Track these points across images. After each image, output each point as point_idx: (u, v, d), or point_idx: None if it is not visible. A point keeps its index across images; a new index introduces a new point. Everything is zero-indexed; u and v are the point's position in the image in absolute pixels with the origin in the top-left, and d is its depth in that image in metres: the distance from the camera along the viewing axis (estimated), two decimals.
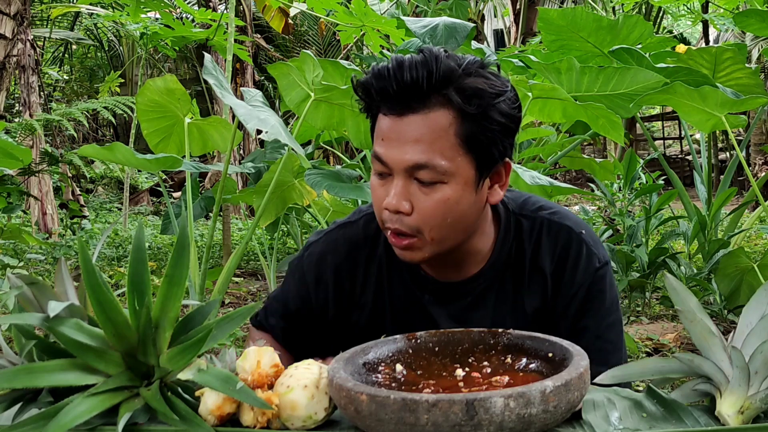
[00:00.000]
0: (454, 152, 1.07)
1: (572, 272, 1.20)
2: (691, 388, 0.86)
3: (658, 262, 3.93)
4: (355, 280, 1.27)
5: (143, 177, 11.55)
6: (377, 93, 1.09)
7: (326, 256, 1.28)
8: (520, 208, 1.25)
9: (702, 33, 8.64)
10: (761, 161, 8.55)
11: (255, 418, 0.84)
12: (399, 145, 1.07)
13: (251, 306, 0.88)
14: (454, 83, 1.06)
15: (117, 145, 3.11)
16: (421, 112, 1.06)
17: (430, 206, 1.08)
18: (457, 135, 1.06)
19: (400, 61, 1.06)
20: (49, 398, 0.86)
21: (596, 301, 1.21)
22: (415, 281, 1.24)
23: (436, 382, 0.88)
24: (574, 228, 1.23)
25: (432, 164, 1.06)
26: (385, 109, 1.09)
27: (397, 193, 1.08)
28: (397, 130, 1.07)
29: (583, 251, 1.21)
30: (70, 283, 0.92)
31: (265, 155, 4.22)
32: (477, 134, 1.07)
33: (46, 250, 6.00)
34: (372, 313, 1.27)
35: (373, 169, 1.14)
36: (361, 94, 1.12)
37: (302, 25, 11.60)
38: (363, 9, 3.71)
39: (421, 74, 1.05)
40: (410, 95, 1.06)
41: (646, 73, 3.01)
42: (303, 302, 1.30)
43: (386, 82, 1.07)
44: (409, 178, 1.08)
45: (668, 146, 15.99)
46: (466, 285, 1.23)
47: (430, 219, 1.09)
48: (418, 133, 1.06)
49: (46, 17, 11.27)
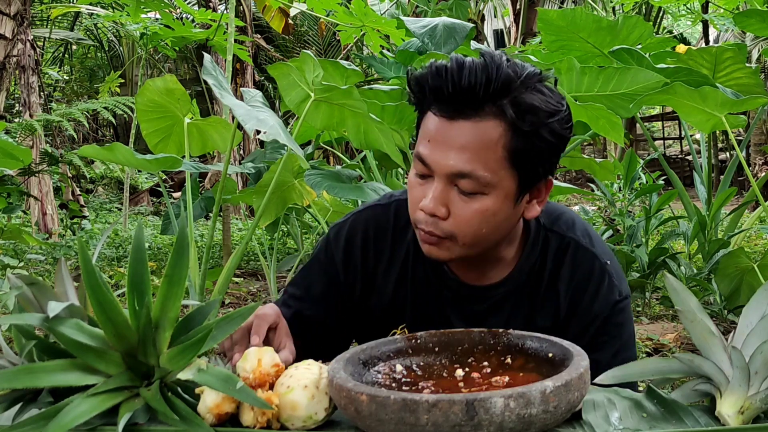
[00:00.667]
0: (499, 165, 1.05)
1: (591, 301, 1.19)
2: (692, 389, 0.86)
3: (658, 262, 3.93)
4: (379, 263, 1.26)
5: (143, 177, 11.55)
6: (431, 91, 1.05)
7: (356, 235, 1.27)
8: (551, 223, 1.23)
9: (702, 33, 8.65)
10: (761, 161, 8.55)
11: (255, 418, 0.84)
12: (445, 150, 1.05)
13: (251, 306, 0.88)
14: (510, 95, 1.03)
15: (117, 145, 3.11)
16: (472, 119, 1.03)
17: (467, 215, 1.07)
18: (504, 148, 1.04)
19: (460, 63, 1.03)
20: (50, 398, 0.86)
21: (612, 335, 1.19)
22: (438, 277, 1.24)
23: (436, 383, 0.88)
24: (599, 257, 1.21)
25: (475, 175, 1.04)
26: (435, 109, 1.06)
27: (435, 197, 1.06)
28: (445, 134, 1.05)
29: (605, 282, 1.19)
30: (70, 284, 0.92)
31: (265, 155, 4.22)
32: (525, 151, 1.05)
33: (46, 250, 6.00)
34: (392, 300, 1.26)
35: (413, 167, 1.12)
36: (415, 88, 1.09)
37: (302, 25, 11.60)
38: (363, 9, 3.71)
39: (480, 80, 1.02)
40: (465, 100, 1.03)
41: (646, 73, 3.01)
42: (330, 283, 1.28)
43: (443, 81, 1.03)
44: (449, 184, 1.06)
45: (668, 146, 15.99)
46: (486, 291, 1.22)
47: (466, 227, 1.08)
48: (465, 140, 1.04)
49: (46, 17, 11.26)
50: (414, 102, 1.12)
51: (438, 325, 1.17)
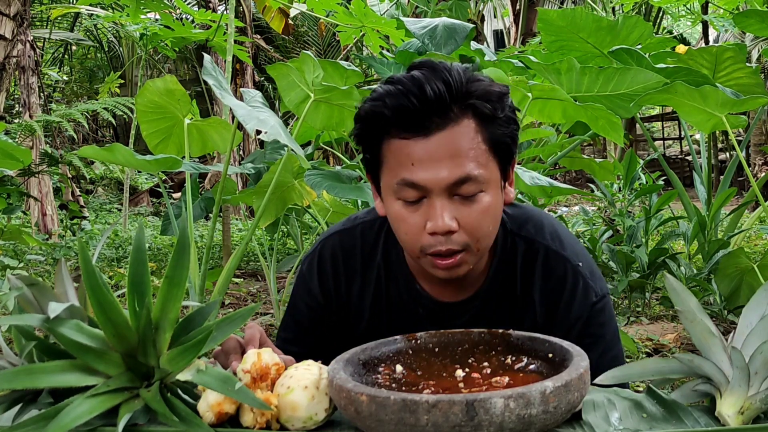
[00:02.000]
0: (486, 158, 1.05)
1: (567, 306, 1.17)
2: (691, 389, 0.86)
3: (658, 263, 3.93)
4: (352, 285, 1.26)
5: (143, 178, 11.56)
6: (394, 114, 1.03)
7: (325, 262, 1.27)
8: (519, 228, 1.22)
9: (702, 33, 8.64)
10: (761, 161, 8.55)
11: (254, 419, 0.84)
12: (435, 165, 1.03)
13: (251, 307, 0.88)
14: (469, 92, 1.04)
15: (117, 146, 3.11)
16: (446, 127, 1.03)
17: (475, 218, 1.06)
18: (484, 140, 1.05)
19: (411, 78, 1.03)
20: (49, 399, 0.86)
21: (596, 336, 1.18)
22: (411, 296, 1.23)
23: (436, 383, 0.88)
24: (570, 260, 1.19)
25: (473, 176, 1.04)
26: (403, 133, 1.03)
27: (444, 214, 1.04)
28: (428, 150, 1.02)
29: (579, 284, 1.18)
30: (70, 284, 0.92)
31: (264, 156, 4.22)
32: (500, 136, 1.06)
33: (46, 251, 6.00)
34: (369, 321, 1.26)
35: (394, 198, 1.08)
36: (370, 120, 1.07)
37: (302, 25, 11.61)
38: (363, 10, 3.71)
39: (441, 87, 1.01)
40: (433, 111, 1.02)
41: (646, 73, 3.01)
42: (315, 313, 1.28)
43: (405, 99, 1.01)
44: (449, 197, 1.05)
45: (668, 147, 16.00)
46: (459, 306, 1.21)
47: (477, 231, 1.07)
48: (452, 148, 1.03)
49: (45, 18, 11.27)
50: (366, 135, 1.09)
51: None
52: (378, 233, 1.26)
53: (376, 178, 1.13)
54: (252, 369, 0.86)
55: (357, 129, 1.11)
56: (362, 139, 1.11)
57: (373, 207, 1.28)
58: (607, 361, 1.16)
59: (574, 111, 2.97)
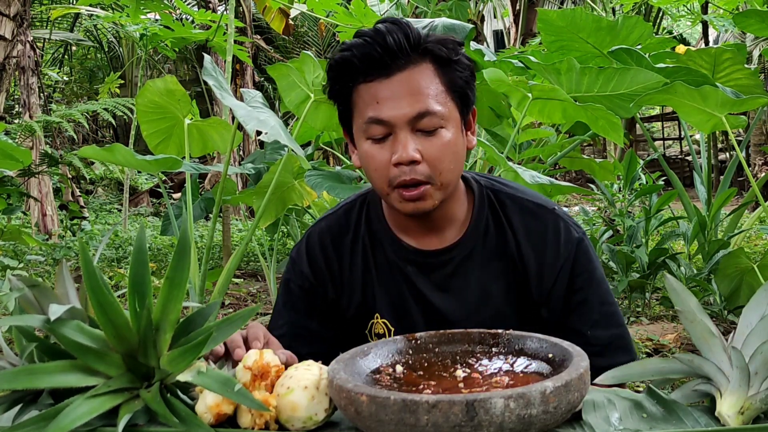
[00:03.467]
0: (444, 97, 1.17)
1: (555, 246, 1.25)
2: (692, 389, 0.86)
3: (658, 263, 3.93)
4: (342, 263, 1.32)
5: (143, 178, 11.56)
6: (361, 60, 1.15)
7: (314, 249, 1.34)
8: (491, 184, 1.32)
9: (702, 34, 8.64)
10: (761, 161, 8.55)
11: (253, 420, 0.84)
12: (396, 101, 1.14)
13: (252, 308, 0.88)
14: (426, 39, 1.17)
15: (117, 146, 3.11)
16: (407, 69, 1.15)
17: (437, 151, 1.15)
18: (441, 82, 1.17)
19: (375, 30, 1.16)
20: (50, 400, 0.86)
21: (588, 272, 1.26)
22: (398, 254, 1.29)
23: (436, 383, 0.88)
24: (546, 205, 1.29)
25: (432, 110, 1.14)
26: (369, 77, 1.16)
27: (407, 145, 1.14)
28: (390, 89, 1.15)
29: (561, 225, 1.27)
30: (71, 285, 0.92)
31: (264, 156, 4.22)
32: (456, 79, 1.18)
33: (46, 251, 6.00)
34: (362, 294, 1.31)
35: (363, 139, 1.19)
36: (340, 70, 1.18)
37: (302, 26, 11.61)
38: (363, 10, 3.71)
39: (400, 36, 1.14)
40: (395, 55, 1.14)
41: (645, 73, 3.01)
42: (307, 294, 1.33)
43: (369, 48, 1.14)
44: (412, 131, 1.15)
45: (668, 147, 16.00)
46: (446, 253, 1.28)
47: (439, 163, 1.16)
48: (411, 86, 1.15)
49: (45, 18, 11.28)
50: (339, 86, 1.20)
51: (413, 301, 1.26)
52: (360, 208, 1.35)
53: (349, 129, 1.25)
54: (254, 366, 0.86)
55: (329, 81, 1.22)
56: (334, 91, 1.23)
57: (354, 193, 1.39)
58: (604, 291, 1.27)
59: (574, 111, 2.96)
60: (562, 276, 1.24)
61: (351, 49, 1.16)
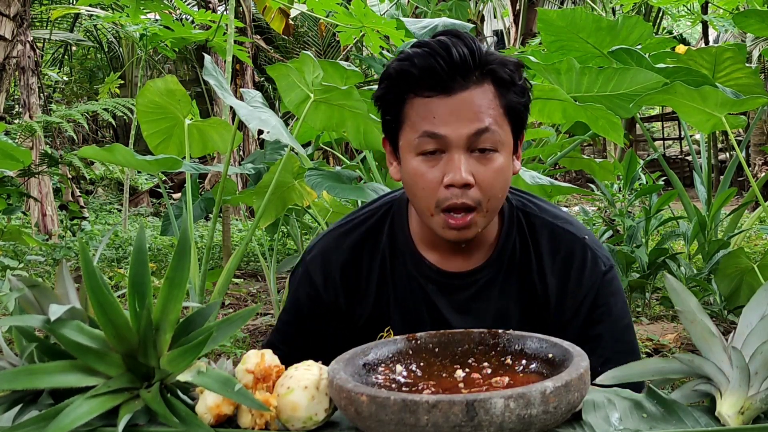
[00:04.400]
0: (503, 121, 1.13)
1: (578, 276, 1.21)
2: (692, 389, 0.86)
3: (658, 263, 3.93)
4: (360, 274, 1.28)
5: (143, 178, 11.55)
6: (422, 73, 1.10)
7: (330, 255, 1.28)
8: (523, 204, 1.27)
9: (702, 34, 8.64)
10: (761, 161, 8.55)
11: (253, 420, 0.84)
12: (456, 120, 1.10)
13: (252, 308, 0.88)
14: (489, 59, 1.12)
15: (117, 146, 3.11)
16: (468, 88, 1.10)
17: (489, 176, 1.12)
18: (501, 105, 1.13)
19: (439, 42, 1.10)
20: (50, 400, 0.86)
21: (608, 306, 1.21)
22: (419, 271, 1.25)
23: (436, 383, 0.88)
24: (577, 234, 1.24)
25: (492, 129, 1.11)
26: (427, 91, 1.11)
27: (462, 167, 1.10)
28: (450, 107, 1.10)
29: (588, 255, 1.22)
30: (71, 285, 0.92)
31: (264, 156, 4.22)
32: (515, 103, 1.14)
33: (46, 251, 6.00)
34: (375, 304, 1.27)
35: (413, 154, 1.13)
36: (396, 79, 1.13)
37: (302, 26, 11.60)
38: (363, 10, 3.71)
39: (466, 52, 1.10)
40: (457, 72, 1.09)
41: (645, 73, 3.01)
42: (314, 304, 1.29)
43: (433, 61, 1.09)
44: (467, 152, 1.11)
45: (668, 147, 16.00)
46: (470, 276, 1.23)
47: (490, 189, 1.12)
48: (472, 107, 1.10)
49: (45, 19, 11.28)
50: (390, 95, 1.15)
51: (429, 320, 1.22)
52: (383, 217, 1.30)
53: (394, 140, 1.19)
54: (255, 369, 0.86)
55: (382, 89, 1.17)
56: (385, 100, 1.17)
57: (370, 200, 1.34)
58: (621, 329, 1.22)
59: (574, 111, 2.96)
60: (583, 308, 1.21)
61: (412, 59, 1.11)
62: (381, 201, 1.33)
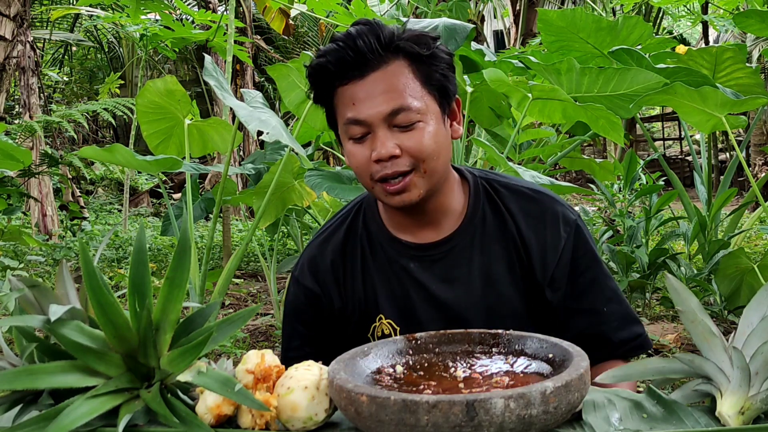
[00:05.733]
0: (421, 92, 1.19)
1: (554, 228, 1.28)
2: (692, 389, 0.86)
3: (659, 263, 3.93)
4: (347, 273, 1.34)
5: (143, 178, 11.55)
6: (335, 65, 1.18)
7: (316, 260, 1.35)
8: (485, 176, 1.35)
9: (702, 34, 8.64)
10: (761, 162, 8.54)
11: (253, 420, 0.84)
12: (371, 101, 1.17)
13: (252, 308, 0.88)
14: (399, 38, 1.19)
15: (117, 146, 3.11)
16: (379, 68, 1.18)
17: (416, 142, 1.18)
18: (417, 78, 1.19)
19: (347, 34, 1.19)
20: (50, 400, 0.86)
21: (590, 252, 1.30)
22: (397, 251, 1.31)
23: (436, 383, 0.88)
24: (540, 190, 1.32)
25: (407, 106, 1.17)
26: (344, 80, 1.19)
27: (384, 141, 1.17)
28: (365, 90, 1.18)
29: (558, 209, 1.30)
30: (71, 286, 0.92)
31: (265, 156, 4.22)
32: (432, 73, 1.21)
33: (46, 251, 6.00)
34: (364, 296, 1.32)
35: (346, 139, 1.22)
36: (319, 75, 1.21)
37: (302, 26, 11.61)
38: (363, 10, 3.71)
39: (371, 38, 1.17)
40: (367, 57, 1.17)
41: (646, 73, 3.01)
42: (313, 307, 1.35)
43: (342, 53, 1.18)
44: (389, 128, 1.18)
45: (668, 147, 15.99)
46: (445, 243, 1.29)
47: (420, 152, 1.18)
48: (385, 84, 1.18)
49: (46, 19, 11.28)
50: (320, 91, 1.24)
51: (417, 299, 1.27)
52: (357, 213, 1.37)
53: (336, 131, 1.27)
54: (256, 370, 0.86)
55: (311, 86, 1.25)
56: (318, 97, 1.26)
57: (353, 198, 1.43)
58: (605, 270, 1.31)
59: (574, 111, 2.96)
60: (564, 256, 1.27)
61: (325, 54, 1.20)
62: (352, 203, 1.41)
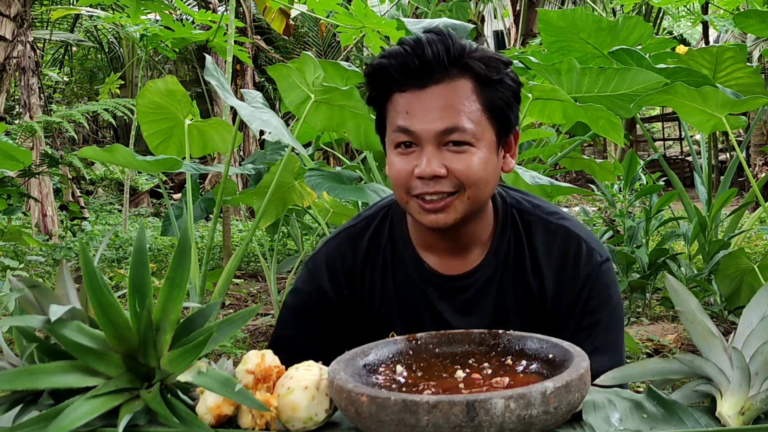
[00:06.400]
0: (479, 116, 1.13)
1: (574, 269, 1.22)
2: (692, 389, 0.86)
3: (659, 263, 3.93)
4: (364, 278, 1.29)
5: (143, 178, 11.55)
6: (398, 70, 1.13)
7: (335, 262, 1.29)
8: (517, 202, 1.28)
9: (702, 34, 8.64)
10: (761, 162, 8.54)
11: (254, 420, 0.84)
12: (426, 114, 1.12)
13: (252, 308, 0.88)
14: (470, 56, 1.13)
15: (117, 146, 3.11)
16: (443, 82, 1.12)
17: (464, 165, 1.12)
18: (479, 100, 1.13)
19: (416, 40, 1.13)
20: (50, 400, 0.86)
21: (604, 297, 1.23)
22: (420, 275, 1.26)
23: (436, 384, 0.88)
24: (571, 228, 1.25)
25: (462, 127, 1.11)
26: (404, 87, 1.14)
27: (431, 159, 1.11)
28: (423, 101, 1.12)
29: (583, 248, 1.23)
30: (71, 286, 0.92)
31: (265, 157, 4.22)
32: (496, 99, 1.14)
33: (46, 251, 6.00)
34: (379, 309, 1.28)
35: (392, 147, 1.16)
36: (378, 76, 1.16)
37: (302, 26, 11.60)
38: (363, 10, 3.71)
39: (441, 49, 1.11)
40: (432, 68, 1.12)
41: (646, 73, 3.00)
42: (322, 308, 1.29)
43: (407, 58, 1.12)
44: (438, 146, 1.12)
45: (668, 147, 15.99)
46: (469, 277, 1.25)
47: (466, 177, 1.13)
48: (444, 100, 1.12)
49: (46, 19, 11.28)
50: (376, 93, 1.19)
51: (431, 323, 1.22)
52: (383, 221, 1.31)
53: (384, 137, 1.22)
54: (256, 370, 0.86)
55: (367, 86, 1.20)
56: (371, 98, 1.20)
57: (375, 202, 1.36)
58: (614, 321, 1.23)
59: (575, 111, 2.96)
60: (580, 299, 1.22)
61: (389, 57, 1.14)
62: (377, 206, 1.35)
